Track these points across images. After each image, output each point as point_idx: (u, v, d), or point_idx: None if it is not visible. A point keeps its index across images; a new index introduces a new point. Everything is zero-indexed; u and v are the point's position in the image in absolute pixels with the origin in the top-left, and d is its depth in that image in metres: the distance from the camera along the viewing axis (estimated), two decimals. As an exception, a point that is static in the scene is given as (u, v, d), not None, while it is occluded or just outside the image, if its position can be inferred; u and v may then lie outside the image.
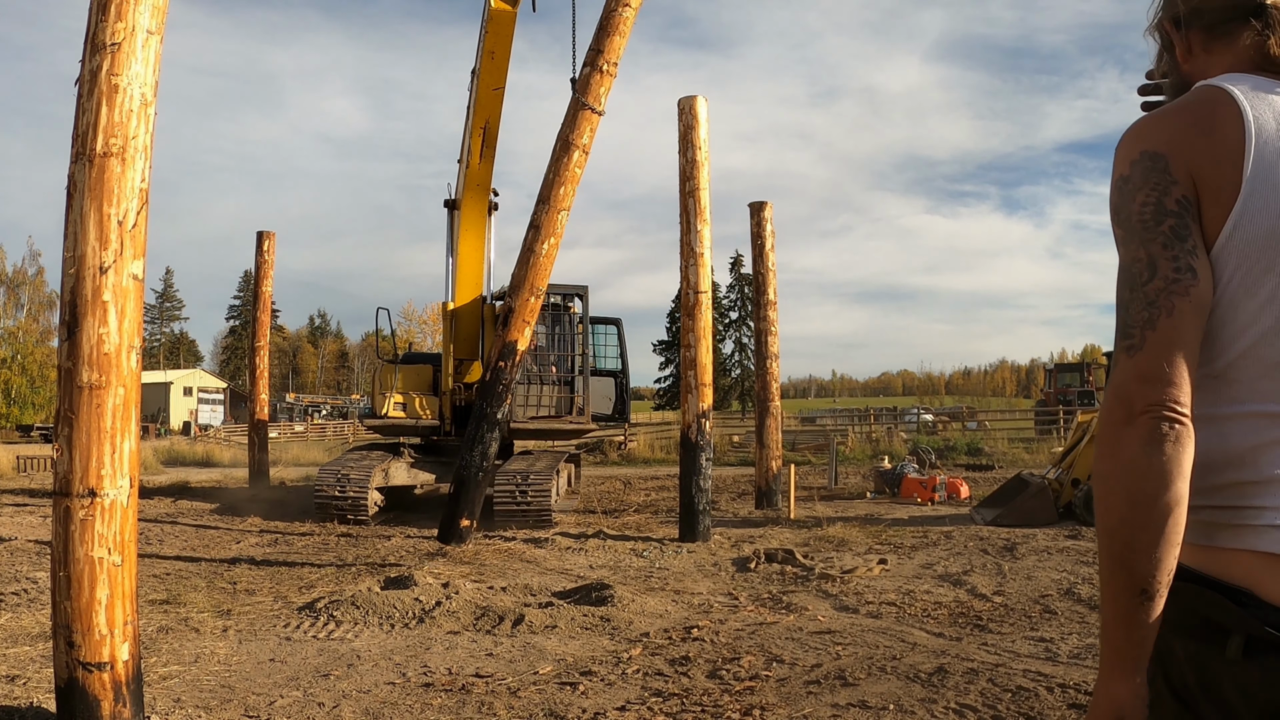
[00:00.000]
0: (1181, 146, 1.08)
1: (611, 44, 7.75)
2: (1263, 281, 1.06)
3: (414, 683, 4.30)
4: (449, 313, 12.31)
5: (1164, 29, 1.27)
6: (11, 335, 51.14)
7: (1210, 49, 1.21)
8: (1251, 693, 1.05)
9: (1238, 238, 1.06)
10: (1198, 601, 1.10)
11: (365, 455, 11.59)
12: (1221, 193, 1.06)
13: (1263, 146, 1.05)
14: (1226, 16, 1.18)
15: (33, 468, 19.63)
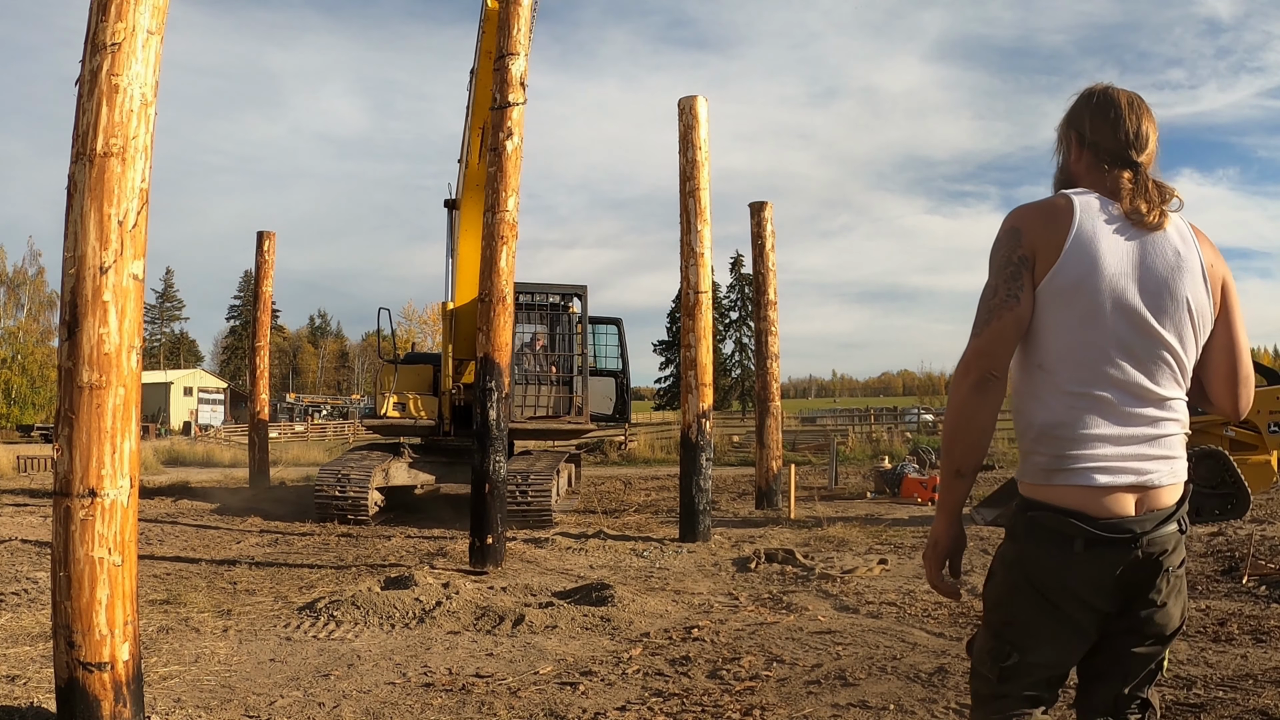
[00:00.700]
0: (1032, 227, 1.80)
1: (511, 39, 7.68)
2: (1068, 310, 1.77)
3: (414, 683, 4.30)
4: (449, 313, 12.32)
5: (1070, 136, 1.93)
6: (12, 335, 51.15)
7: (1091, 167, 1.88)
8: (1088, 574, 1.75)
9: (1053, 284, 1.77)
10: (1050, 522, 1.77)
11: (365, 455, 11.59)
12: (1048, 257, 1.77)
13: (1078, 236, 1.76)
14: (1112, 157, 1.85)
15: (33, 468, 19.63)
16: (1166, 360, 1.80)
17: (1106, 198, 1.82)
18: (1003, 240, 1.82)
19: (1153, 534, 1.78)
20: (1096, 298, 1.75)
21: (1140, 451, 1.79)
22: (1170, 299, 1.78)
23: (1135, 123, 1.85)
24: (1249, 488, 9.49)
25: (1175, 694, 3.88)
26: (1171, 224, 1.83)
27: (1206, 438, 9.78)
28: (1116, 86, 1.91)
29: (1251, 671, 4.20)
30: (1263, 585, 6.12)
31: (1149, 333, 1.77)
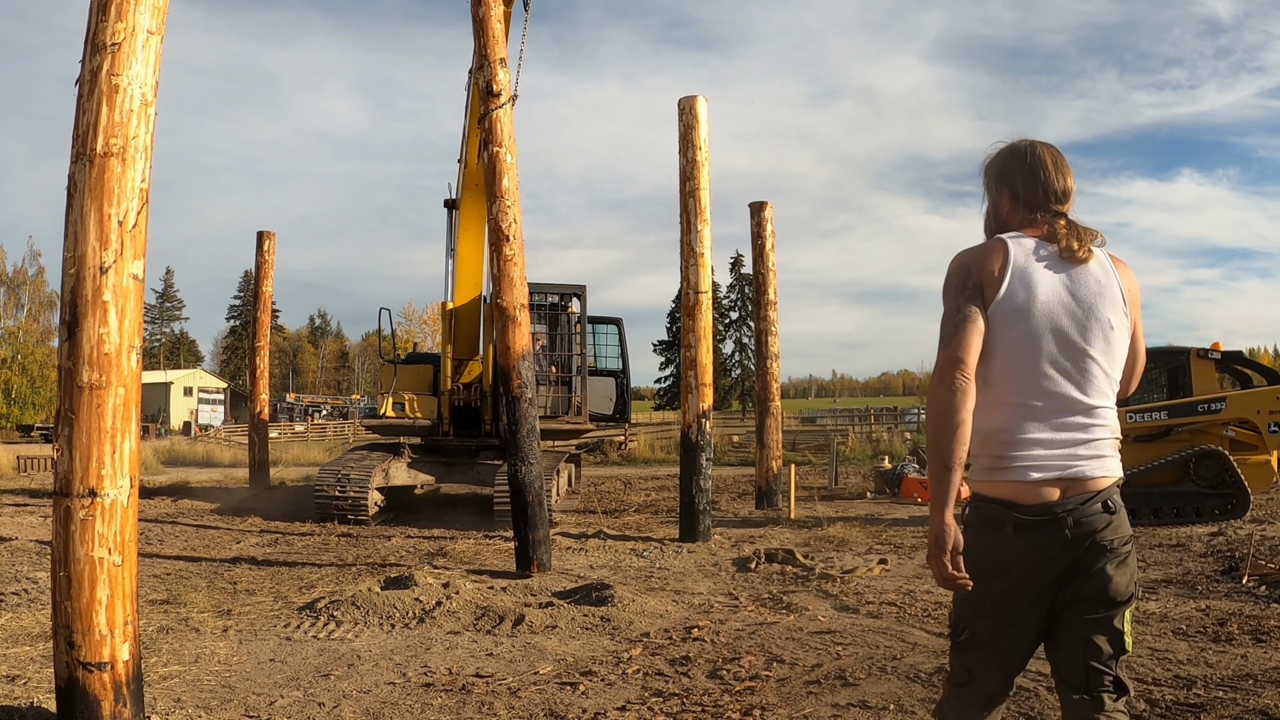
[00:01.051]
0: (977, 264, 2.11)
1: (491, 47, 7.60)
2: (1008, 335, 2.06)
3: (414, 683, 4.30)
4: (448, 312, 12.33)
5: (1001, 191, 2.24)
6: (12, 335, 51.15)
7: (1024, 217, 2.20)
8: (1020, 554, 2.03)
9: (996, 313, 2.06)
10: (987, 511, 2.08)
11: (365, 455, 11.59)
12: (993, 287, 2.07)
13: (1014, 272, 2.07)
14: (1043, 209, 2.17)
15: (33, 468, 19.63)
16: (1093, 374, 2.09)
17: (1041, 239, 2.14)
18: (954, 274, 2.13)
19: (1077, 513, 2.03)
20: (1032, 323, 2.06)
21: (1072, 453, 2.06)
22: (1095, 321, 2.09)
23: (1061, 181, 2.20)
24: (1249, 488, 9.49)
25: (1175, 694, 3.88)
26: (1095, 258, 2.15)
27: (1206, 438, 9.78)
28: (1039, 143, 2.24)
29: (1251, 671, 4.20)
30: (1263, 585, 6.12)
31: (1077, 351, 2.08)
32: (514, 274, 7.48)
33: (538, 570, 7.20)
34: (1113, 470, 2.12)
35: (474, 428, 12.24)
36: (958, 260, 2.14)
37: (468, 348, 12.42)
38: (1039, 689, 3.98)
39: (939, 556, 1.99)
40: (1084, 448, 2.07)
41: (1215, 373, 10.41)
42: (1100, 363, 2.09)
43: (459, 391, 12.18)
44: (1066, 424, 2.06)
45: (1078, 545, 2.02)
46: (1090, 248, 2.13)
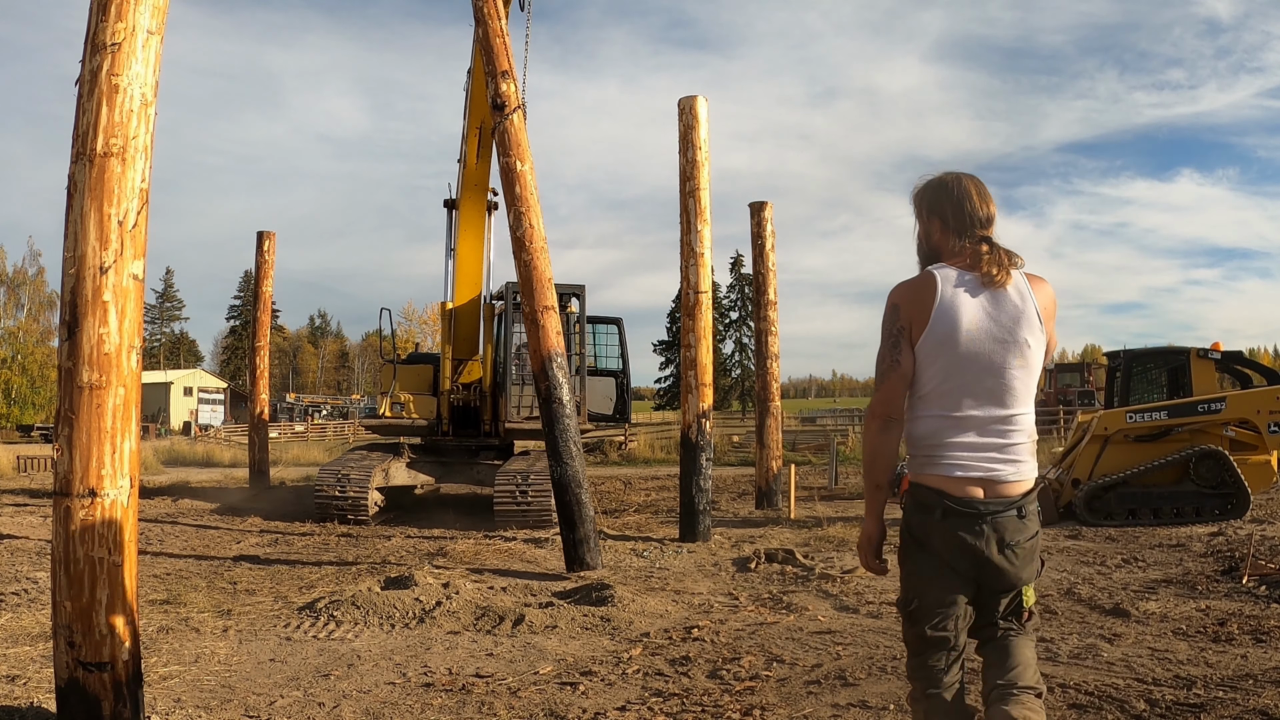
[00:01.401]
0: (907, 301, 2.37)
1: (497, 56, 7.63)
2: (937, 358, 2.34)
3: (414, 683, 4.30)
4: (448, 312, 12.33)
5: (932, 220, 2.49)
6: (12, 335, 51.15)
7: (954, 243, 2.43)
8: (947, 535, 2.34)
9: (926, 342, 2.34)
10: (922, 496, 2.39)
11: (365, 455, 11.59)
12: (921, 322, 2.34)
13: (941, 304, 2.33)
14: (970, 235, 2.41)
15: (33, 468, 19.62)
16: (1011, 388, 2.37)
17: (963, 267, 2.39)
18: (888, 315, 2.42)
19: (994, 518, 2.34)
20: (957, 348, 2.34)
21: (991, 457, 2.36)
22: (1013, 342, 2.35)
23: (985, 209, 2.45)
24: (1249, 488, 9.49)
25: (1175, 694, 3.88)
26: (1013, 281, 2.39)
27: (1207, 438, 9.78)
28: (964, 175, 2.50)
29: (1251, 671, 4.20)
30: (1263, 585, 6.12)
31: (997, 370, 2.35)
32: (533, 277, 7.52)
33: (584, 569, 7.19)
34: (1027, 475, 2.40)
35: (473, 428, 12.25)
36: (892, 297, 2.42)
37: (467, 348, 12.43)
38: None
39: (867, 550, 2.50)
40: (1001, 453, 2.37)
41: (1215, 373, 10.42)
42: (1018, 376, 2.37)
43: (458, 391, 12.19)
44: (987, 432, 2.37)
45: (990, 542, 2.34)
46: (1009, 272, 2.39)
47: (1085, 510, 9.64)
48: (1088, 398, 30.35)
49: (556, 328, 7.60)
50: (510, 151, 7.53)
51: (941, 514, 2.35)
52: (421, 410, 12.08)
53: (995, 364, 2.34)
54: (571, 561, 7.26)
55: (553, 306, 7.58)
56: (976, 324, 2.34)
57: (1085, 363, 40.39)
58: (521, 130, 7.61)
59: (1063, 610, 5.66)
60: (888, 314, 2.41)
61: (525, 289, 7.54)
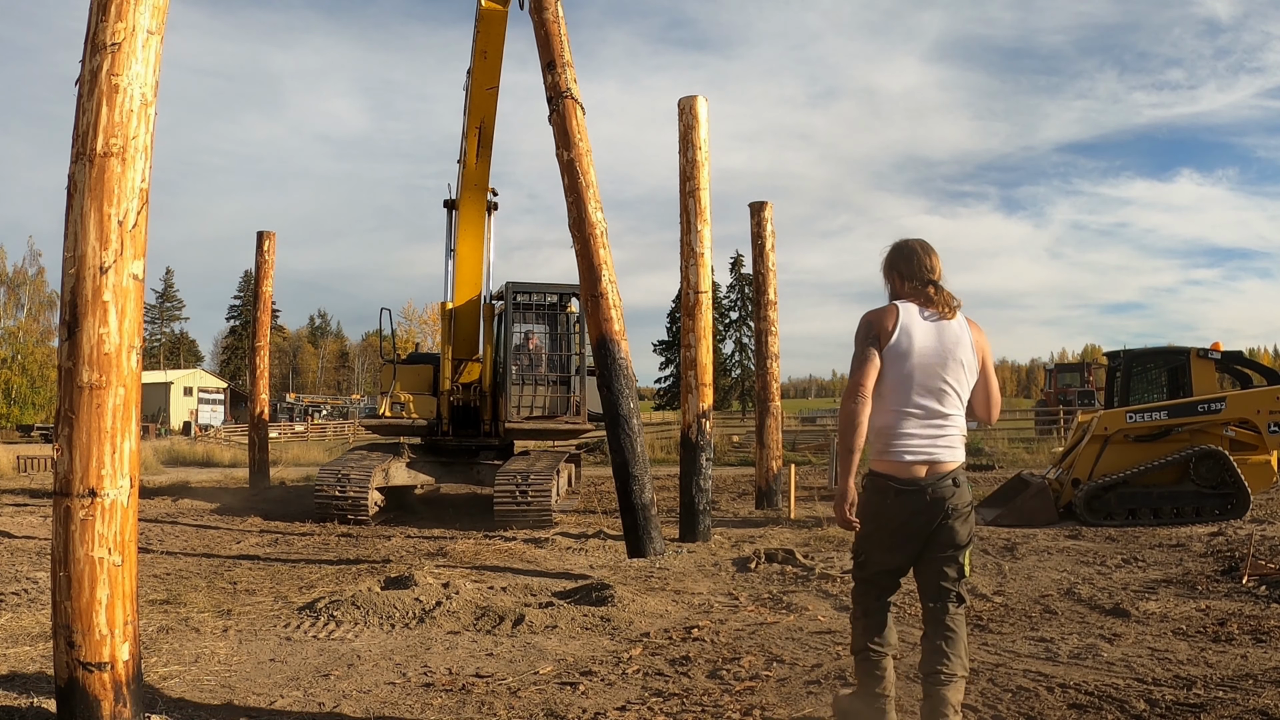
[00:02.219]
0: (877, 321, 3.15)
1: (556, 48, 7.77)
2: (895, 366, 3.09)
3: (414, 683, 4.30)
4: (448, 313, 12.33)
5: (892, 275, 3.30)
6: (12, 335, 51.14)
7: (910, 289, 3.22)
8: (898, 510, 3.10)
9: (889, 353, 3.09)
10: (878, 480, 3.14)
11: (365, 455, 11.58)
12: (886, 337, 3.11)
13: (901, 326, 3.11)
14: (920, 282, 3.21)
15: (33, 468, 19.62)
16: (948, 394, 3.15)
17: (920, 304, 3.20)
18: (863, 328, 3.20)
19: (933, 487, 3.10)
20: (910, 360, 3.12)
21: (932, 444, 3.13)
22: (952, 359, 3.16)
23: (930, 263, 3.25)
24: (1249, 488, 9.49)
25: (1175, 694, 3.88)
26: (956, 318, 3.21)
27: (1207, 438, 9.78)
28: (913, 240, 3.32)
29: (1251, 671, 4.20)
30: (1263, 585, 6.12)
31: (937, 379, 3.14)
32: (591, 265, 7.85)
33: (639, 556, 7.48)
34: (958, 457, 3.18)
35: (473, 428, 12.25)
36: (866, 318, 3.22)
37: (467, 348, 12.42)
38: (1038, 689, 3.98)
39: (841, 506, 3.12)
40: (939, 441, 3.14)
41: (1215, 373, 10.41)
42: (953, 386, 3.16)
43: (458, 391, 12.18)
44: (929, 425, 3.12)
45: (933, 508, 3.10)
46: (952, 309, 3.20)
47: (1085, 510, 9.64)
48: (1088, 398, 30.35)
49: (608, 313, 7.72)
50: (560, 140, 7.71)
51: (893, 494, 3.12)
52: (421, 410, 12.07)
53: (937, 374, 3.13)
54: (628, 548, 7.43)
55: (605, 293, 7.77)
56: (925, 343, 3.13)
57: (1085, 363, 40.37)
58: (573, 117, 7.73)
59: (1063, 610, 5.66)
60: (862, 328, 3.20)
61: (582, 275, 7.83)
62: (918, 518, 3.09)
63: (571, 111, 7.73)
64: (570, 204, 7.75)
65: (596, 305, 7.79)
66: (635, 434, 7.61)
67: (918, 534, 3.12)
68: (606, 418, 7.63)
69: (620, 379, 7.56)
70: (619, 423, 7.53)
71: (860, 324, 3.19)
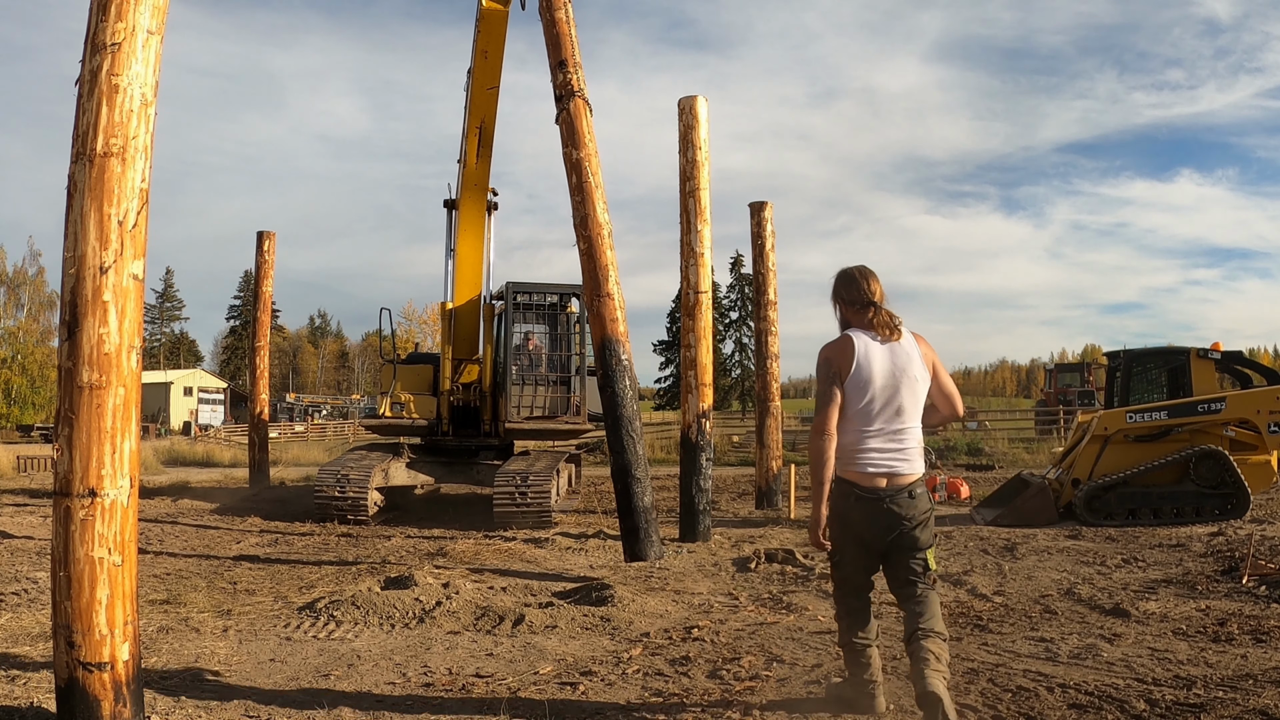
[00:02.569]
0: (836, 355, 3.53)
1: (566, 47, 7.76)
2: (856, 393, 3.49)
3: (414, 683, 4.30)
4: (448, 312, 12.32)
5: (838, 301, 3.66)
6: (12, 335, 51.15)
7: (856, 317, 3.59)
8: (860, 516, 3.50)
9: (850, 382, 3.48)
10: (843, 488, 3.53)
11: (365, 455, 11.58)
12: (847, 369, 3.49)
13: (859, 356, 3.48)
14: (862, 306, 3.57)
15: (33, 468, 19.61)
16: (905, 409, 3.52)
17: (868, 329, 3.55)
18: (822, 365, 3.55)
19: (892, 499, 3.47)
20: (869, 386, 3.49)
21: (891, 458, 3.50)
22: (906, 377, 3.52)
23: (870, 286, 3.61)
24: (1249, 488, 9.49)
25: (1175, 694, 3.88)
26: (904, 336, 3.56)
27: (1207, 438, 9.78)
28: (855, 267, 3.68)
29: (1251, 671, 4.20)
30: (1263, 585, 6.12)
31: (895, 399, 3.51)
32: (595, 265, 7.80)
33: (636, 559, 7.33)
34: (917, 469, 3.53)
35: (473, 428, 12.24)
36: (825, 355, 3.57)
37: (467, 348, 12.42)
38: (1038, 689, 3.98)
39: (815, 530, 3.59)
40: (899, 454, 3.51)
41: (1215, 373, 10.41)
42: (909, 402, 3.53)
43: (458, 391, 12.18)
44: (889, 441, 3.51)
45: (890, 516, 3.47)
46: (898, 328, 3.56)
47: (1085, 510, 9.64)
48: (1088, 398, 30.35)
49: (613, 314, 7.66)
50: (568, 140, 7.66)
51: (855, 499, 3.51)
52: (421, 410, 12.07)
53: (893, 393, 3.51)
54: (625, 551, 7.31)
55: (611, 294, 7.69)
56: (882, 368, 3.50)
57: (1085, 363, 40.38)
58: (581, 117, 7.68)
59: (1063, 610, 5.66)
60: (822, 364, 3.56)
61: (586, 276, 7.71)
62: (877, 521, 3.47)
63: (581, 111, 7.70)
64: (577, 204, 7.72)
65: (603, 306, 7.76)
66: (638, 436, 7.56)
67: (879, 537, 3.49)
68: (608, 419, 7.56)
69: (624, 380, 7.53)
70: (621, 424, 7.49)
71: (820, 361, 3.56)
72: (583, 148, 7.65)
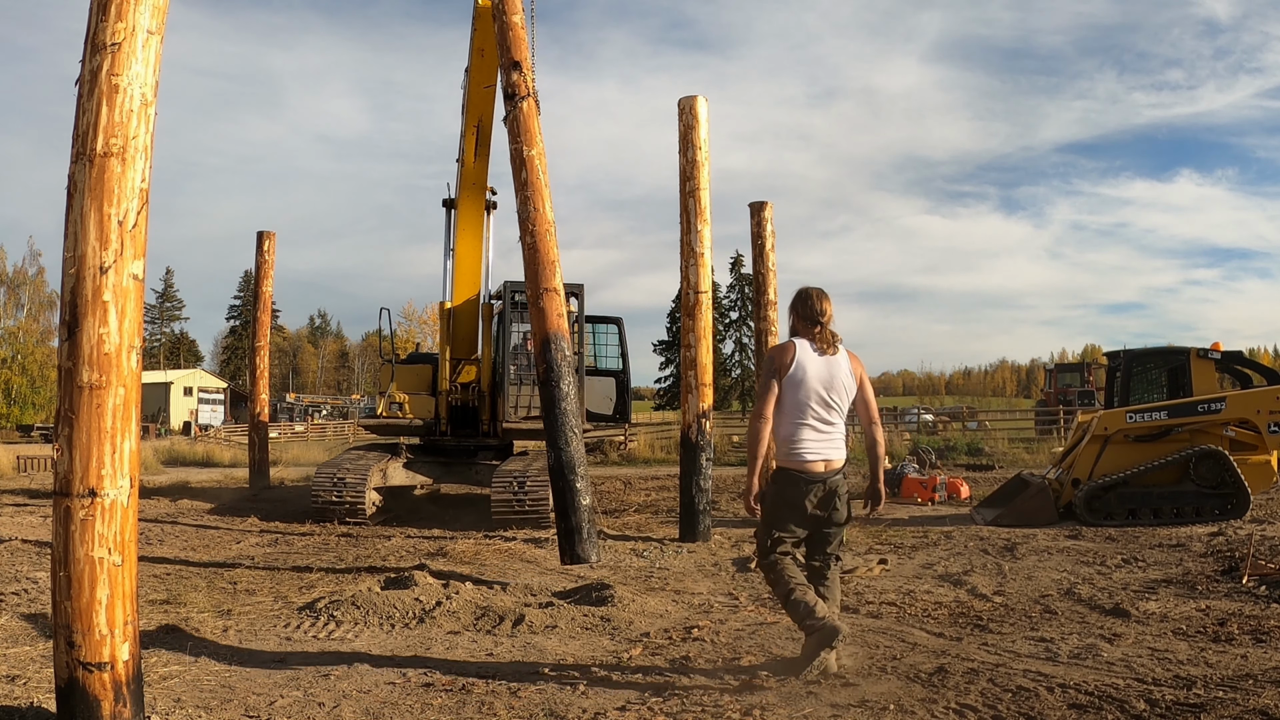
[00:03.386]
0: (779, 355, 4.33)
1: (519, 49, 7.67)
2: (793, 390, 4.27)
3: (414, 683, 4.30)
4: (446, 312, 12.27)
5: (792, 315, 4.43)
6: (12, 335, 51.17)
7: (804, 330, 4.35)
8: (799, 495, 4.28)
9: (789, 379, 4.27)
10: (786, 474, 4.31)
11: (362, 455, 11.54)
12: (787, 368, 4.28)
13: (798, 359, 4.27)
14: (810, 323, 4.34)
15: (33, 468, 19.61)
16: (833, 409, 4.28)
17: (811, 340, 4.29)
18: (767, 363, 4.31)
19: (828, 481, 4.26)
20: (805, 384, 4.23)
21: (824, 447, 4.27)
22: (836, 383, 4.27)
23: (821, 306, 4.32)
24: (1249, 488, 9.49)
25: (1175, 694, 3.88)
26: (839, 351, 4.31)
27: (1207, 438, 9.78)
28: (810, 288, 4.38)
29: (1251, 671, 4.20)
30: (1263, 585, 6.12)
31: (825, 399, 4.25)
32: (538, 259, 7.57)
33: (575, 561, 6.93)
34: (842, 456, 4.35)
35: (472, 428, 12.20)
36: (770, 354, 4.36)
37: (466, 347, 12.39)
38: (1038, 689, 3.98)
39: (747, 499, 4.40)
40: (829, 445, 4.30)
41: (1215, 373, 10.41)
42: (837, 404, 4.29)
43: (456, 391, 12.14)
44: (820, 433, 4.28)
45: (827, 493, 4.28)
46: (834, 346, 4.31)
47: (1085, 510, 9.64)
48: (1088, 398, 30.36)
49: (559, 310, 7.54)
50: (519, 137, 7.54)
51: (800, 483, 4.26)
52: (418, 410, 12.03)
53: (824, 394, 4.26)
54: (563, 553, 6.99)
55: (556, 289, 7.52)
56: (816, 372, 4.25)
57: (1085, 363, 40.39)
58: (532, 117, 7.61)
59: (1063, 610, 5.66)
60: (767, 363, 4.35)
61: (529, 271, 7.50)
62: (814, 499, 4.25)
63: (532, 110, 7.64)
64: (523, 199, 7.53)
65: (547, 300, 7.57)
66: (579, 435, 7.40)
67: (815, 511, 4.27)
68: (548, 417, 7.16)
69: (568, 378, 7.41)
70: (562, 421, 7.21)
71: (765, 358, 4.49)
72: (533, 145, 7.59)
